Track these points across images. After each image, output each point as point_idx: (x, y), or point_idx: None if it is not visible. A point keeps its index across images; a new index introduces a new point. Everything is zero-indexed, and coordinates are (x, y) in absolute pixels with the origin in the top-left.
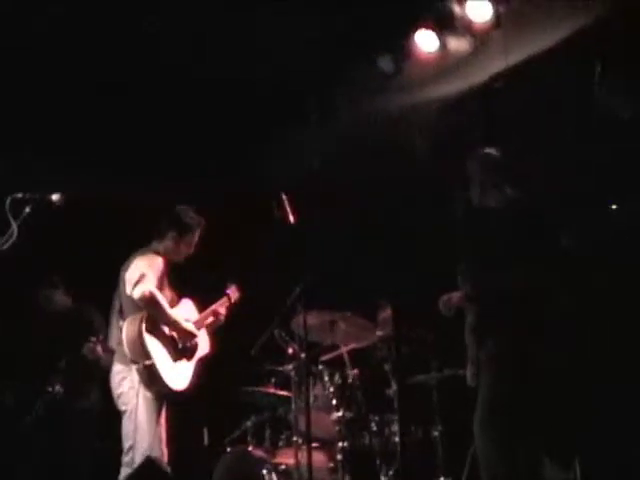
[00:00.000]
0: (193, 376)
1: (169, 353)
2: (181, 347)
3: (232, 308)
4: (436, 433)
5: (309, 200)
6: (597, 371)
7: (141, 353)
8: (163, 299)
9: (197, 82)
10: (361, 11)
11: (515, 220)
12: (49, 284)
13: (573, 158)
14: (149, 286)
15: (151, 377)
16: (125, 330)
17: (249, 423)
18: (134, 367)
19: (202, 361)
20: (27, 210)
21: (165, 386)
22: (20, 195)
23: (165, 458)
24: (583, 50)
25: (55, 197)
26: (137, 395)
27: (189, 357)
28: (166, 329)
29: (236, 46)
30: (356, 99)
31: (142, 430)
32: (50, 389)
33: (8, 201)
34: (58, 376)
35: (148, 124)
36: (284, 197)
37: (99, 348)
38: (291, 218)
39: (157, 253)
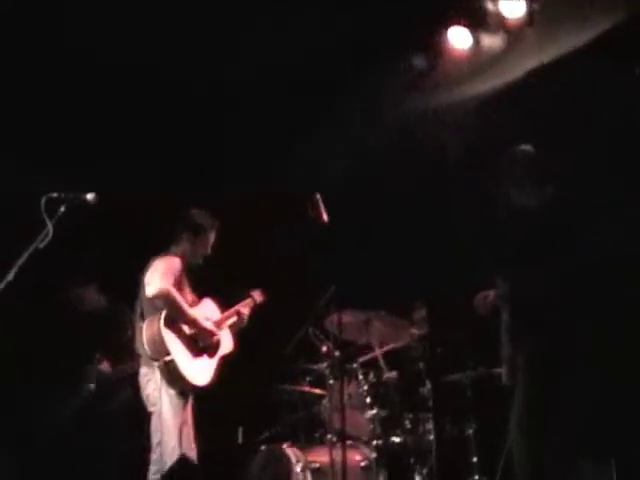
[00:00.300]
0: (215, 373)
1: (189, 350)
2: (202, 345)
3: (256, 310)
4: (470, 431)
5: (343, 199)
6: (633, 371)
7: (160, 350)
8: (180, 297)
9: (224, 80)
10: (395, 9)
11: (553, 219)
12: (81, 282)
13: (608, 156)
14: (165, 284)
15: (171, 373)
16: (145, 330)
17: (283, 421)
18: (155, 364)
19: (225, 359)
20: (62, 209)
21: (186, 381)
22: (55, 195)
23: (194, 454)
24: (618, 46)
25: (90, 196)
26: (160, 394)
27: (211, 354)
28: (185, 327)
29: (263, 41)
30: (389, 98)
31: (167, 428)
32: (81, 388)
33: (43, 201)
34: (89, 375)
35: (174, 124)
36: (317, 197)
37: (103, 365)
38: (325, 217)
39: (175, 255)
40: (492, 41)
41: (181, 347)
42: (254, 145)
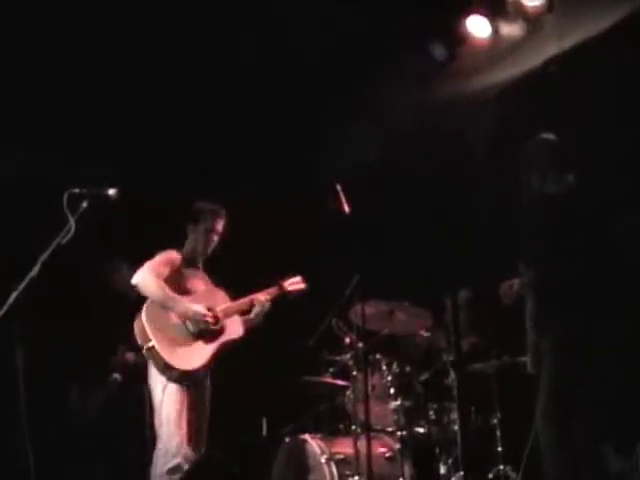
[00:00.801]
0: (210, 358)
1: (175, 336)
2: (194, 330)
3: (289, 296)
4: (495, 421)
5: (366, 190)
6: None
7: (144, 337)
8: (161, 284)
9: (246, 71)
10: None
11: (577, 207)
12: (113, 263)
13: (629, 144)
14: (145, 273)
15: (156, 359)
16: (136, 319)
17: (307, 413)
18: (144, 352)
19: (228, 344)
20: (84, 205)
21: (169, 367)
22: (77, 190)
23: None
24: (636, 33)
25: (112, 191)
26: (154, 382)
27: (208, 340)
28: (173, 314)
29: (286, 33)
30: (409, 87)
31: (160, 419)
32: (109, 377)
33: (65, 196)
34: (114, 365)
35: (198, 115)
36: (338, 188)
37: (128, 356)
38: (346, 208)
39: (179, 249)
40: (511, 29)
41: (164, 333)
42: (277, 136)
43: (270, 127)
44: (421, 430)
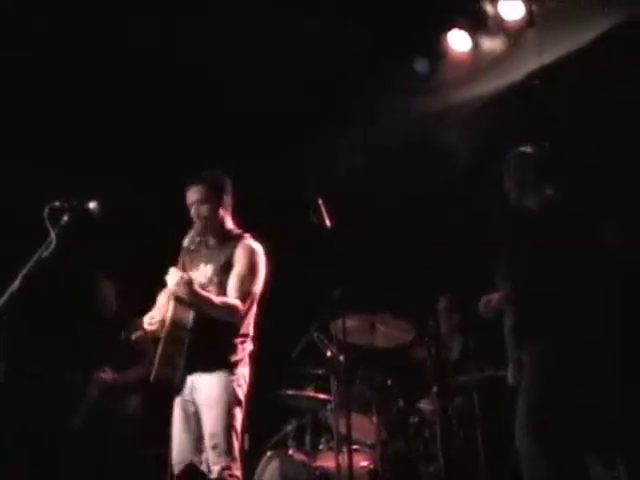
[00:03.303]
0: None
1: None
2: None
3: None
4: (477, 434)
5: (346, 203)
6: None
7: None
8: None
9: (229, 83)
10: (394, 13)
11: (556, 221)
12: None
13: (611, 157)
14: None
15: None
16: None
17: (289, 427)
18: None
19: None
20: (65, 218)
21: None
22: (57, 204)
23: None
24: (617, 47)
25: (92, 205)
26: None
27: None
28: None
29: (269, 46)
30: (391, 101)
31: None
32: (90, 394)
33: (46, 210)
34: (93, 384)
35: (177, 123)
36: (320, 202)
37: (106, 374)
38: (327, 222)
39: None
40: (492, 44)
41: None
42: (260, 145)
43: (253, 140)
44: (403, 444)
